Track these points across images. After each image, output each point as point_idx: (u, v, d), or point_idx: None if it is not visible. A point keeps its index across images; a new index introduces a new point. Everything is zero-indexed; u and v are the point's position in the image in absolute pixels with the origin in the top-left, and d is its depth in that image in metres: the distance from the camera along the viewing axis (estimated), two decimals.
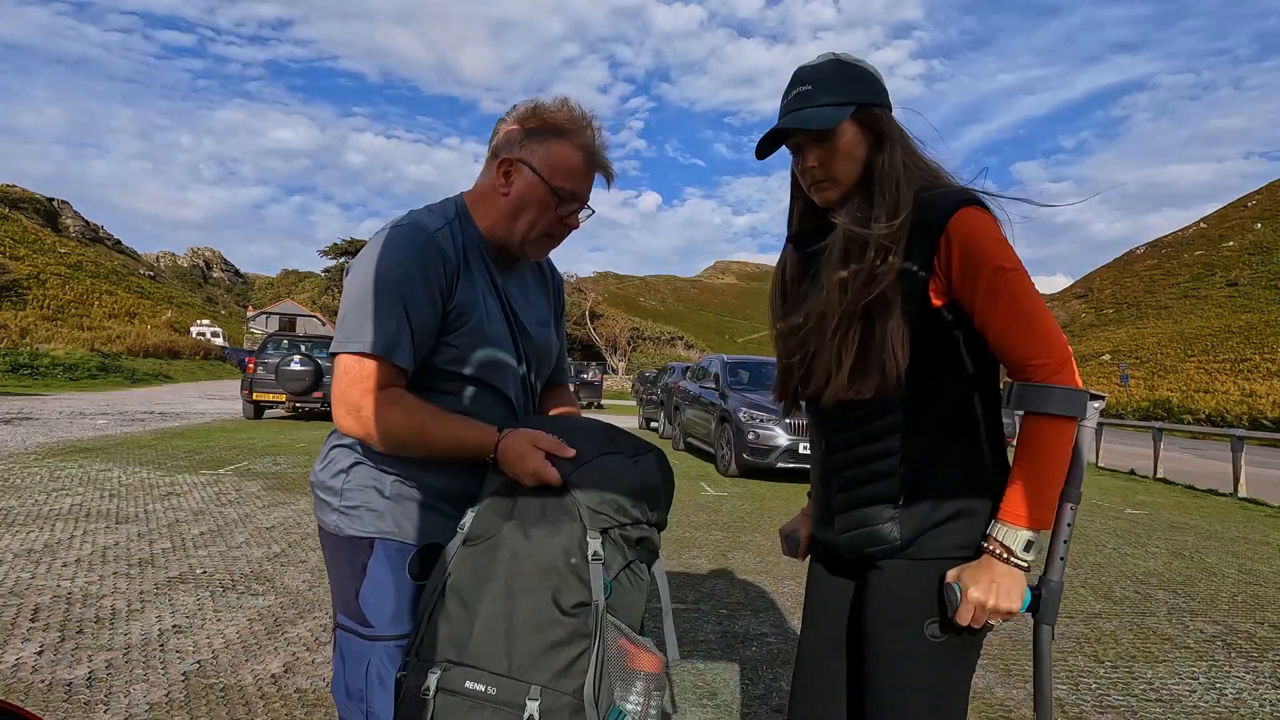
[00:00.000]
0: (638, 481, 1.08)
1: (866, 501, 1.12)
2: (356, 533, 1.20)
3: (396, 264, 1.16)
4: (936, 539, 1.09)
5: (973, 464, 1.12)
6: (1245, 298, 49.38)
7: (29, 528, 4.56)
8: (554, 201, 1.25)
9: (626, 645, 0.99)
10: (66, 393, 18.27)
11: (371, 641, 1.17)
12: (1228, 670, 3.22)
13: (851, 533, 1.14)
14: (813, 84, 1.12)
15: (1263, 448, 18.24)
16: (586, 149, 1.26)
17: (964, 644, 1.10)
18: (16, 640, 2.83)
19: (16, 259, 40.05)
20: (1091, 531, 6.55)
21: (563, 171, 1.24)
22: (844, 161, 1.12)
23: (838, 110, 1.10)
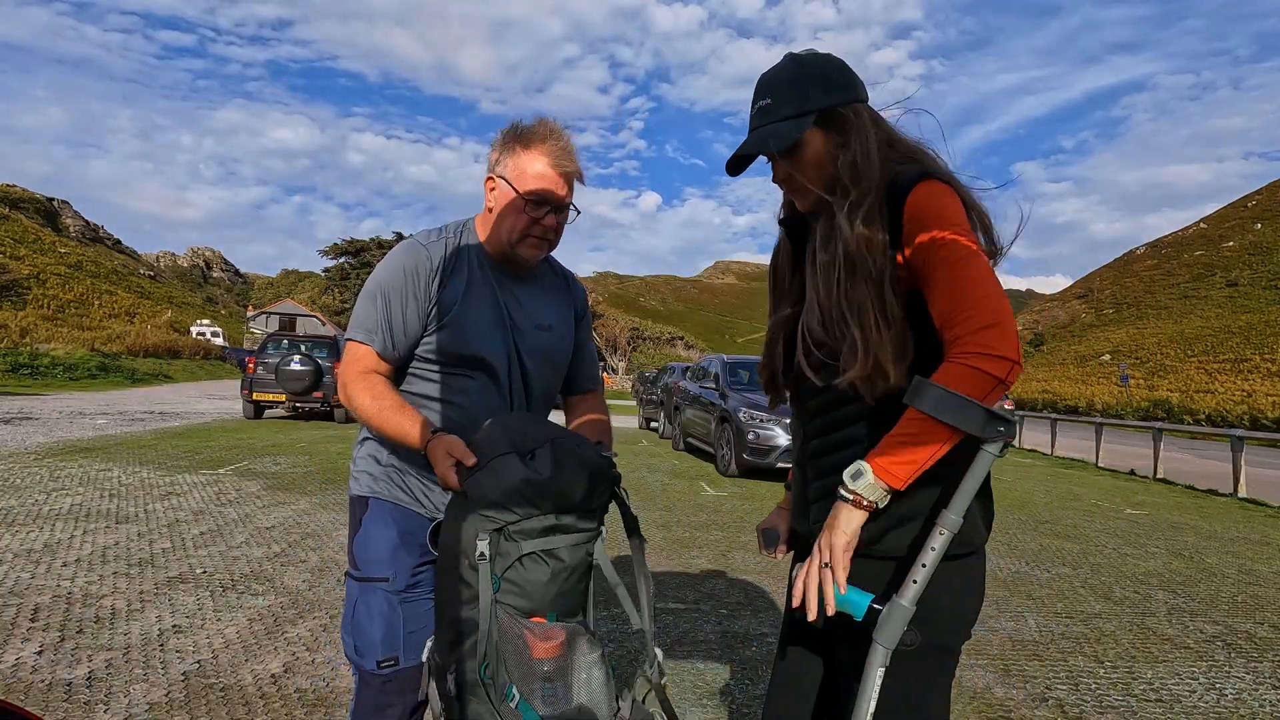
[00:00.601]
0: (519, 480, 1.12)
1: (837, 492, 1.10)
2: (358, 493, 1.48)
3: (385, 269, 1.42)
4: (901, 536, 1.06)
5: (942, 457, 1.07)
6: (1245, 298, 49.39)
7: (29, 527, 4.56)
8: (524, 206, 1.40)
9: (526, 634, 1.11)
10: (66, 392, 18.26)
11: (359, 582, 1.42)
12: (1228, 670, 3.22)
13: (823, 523, 1.12)
14: (772, 96, 1.12)
15: (1263, 448, 18.24)
16: (550, 155, 1.40)
17: (940, 652, 1.08)
18: (16, 640, 2.82)
19: (16, 259, 40.05)
20: (1091, 532, 6.55)
21: (529, 177, 1.40)
22: (813, 170, 1.12)
23: (797, 123, 1.09)
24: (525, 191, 1.39)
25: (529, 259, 1.46)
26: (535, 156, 1.40)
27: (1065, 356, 54.37)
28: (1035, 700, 2.81)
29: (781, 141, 1.09)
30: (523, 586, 1.13)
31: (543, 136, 1.41)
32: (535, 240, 1.44)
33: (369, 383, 1.37)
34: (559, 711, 1.10)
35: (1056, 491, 9.42)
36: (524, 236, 1.43)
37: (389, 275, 1.40)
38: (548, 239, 1.46)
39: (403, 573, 1.41)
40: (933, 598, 1.04)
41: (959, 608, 1.09)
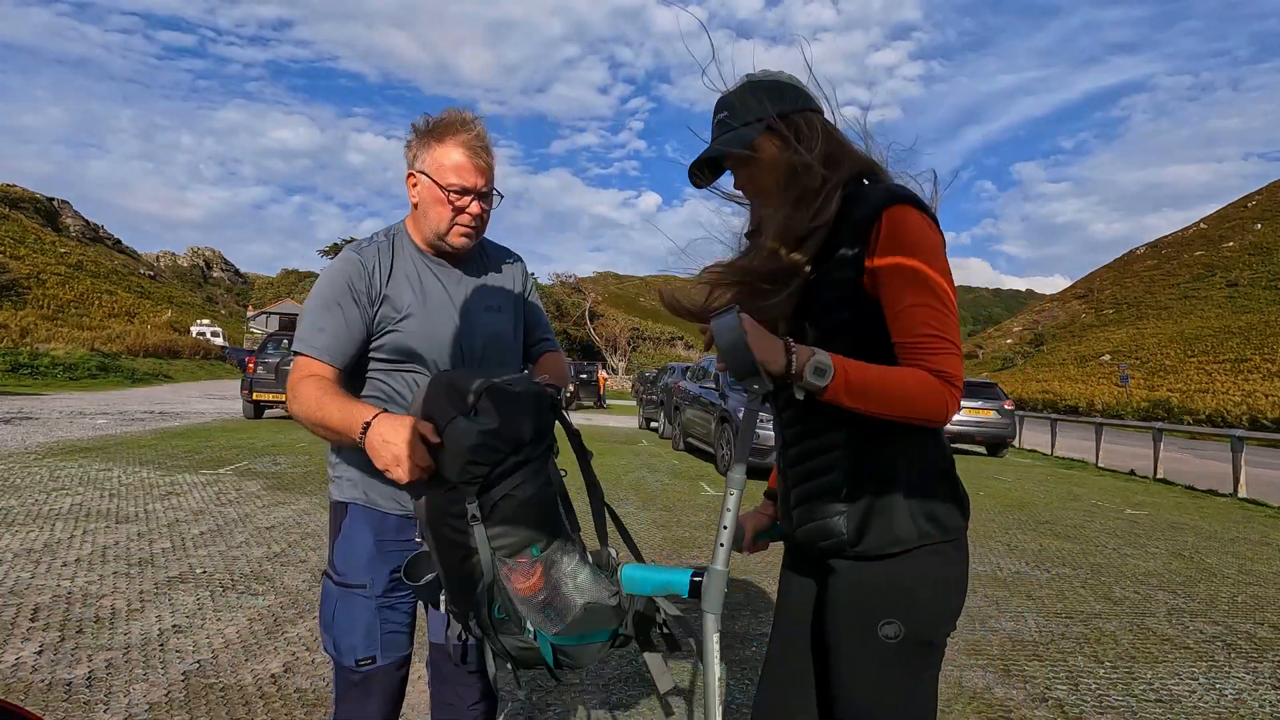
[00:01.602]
0: (474, 438, 1.15)
1: (818, 495, 1.14)
2: (339, 498, 1.49)
3: (324, 282, 1.44)
4: (880, 534, 1.09)
5: (912, 456, 1.11)
6: (1245, 298, 49.38)
7: (29, 527, 4.56)
8: (447, 197, 1.43)
9: (511, 580, 1.18)
10: (66, 392, 18.26)
11: (338, 586, 1.45)
12: (1227, 671, 3.22)
13: (806, 526, 1.16)
14: (728, 109, 1.19)
15: (1262, 448, 18.24)
16: (466, 145, 1.42)
17: (922, 646, 1.10)
18: (16, 640, 2.82)
19: (17, 258, 40.03)
20: (1091, 532, 6.55)
21: (447, 170, 1.42)
22: (770, 174, 1.17)
23: (750, 129, 1.16)
24: (446, 184, 1.42)
25: (460, 248, 1.49)
26: (451, 148, 1.42)
27: (1065, 356, 54.35)
28: (1035, 700, 2.81)
29: (734, 144, 1.16)
30: (504, 529, 1.18)
31: (455, 127, 1.43)
32: (463, 229, 1.46)
33: (313, 382, 1.37)
34: (568, 621, 1.17)
35: (1056, 491, 9.42)
36: (451, 226, 1.45)
37: (328, 287, 1.42)
38: (475, 226, 1.48)
39: (380, 580, 1.44)
40: (912, 591, 1.08)
41: (940, 601, 1.11)
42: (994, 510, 7.56)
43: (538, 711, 2.53)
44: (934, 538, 1.09)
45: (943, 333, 1.04)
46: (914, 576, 1.08)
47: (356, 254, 1.45)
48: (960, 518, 1.14)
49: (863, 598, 1.10)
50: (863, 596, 1.10)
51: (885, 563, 1.09)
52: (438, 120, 1.44)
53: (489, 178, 1.47)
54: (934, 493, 1.11)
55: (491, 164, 1.47)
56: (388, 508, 1.46)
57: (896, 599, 1.08)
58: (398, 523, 1.47)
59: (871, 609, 1.09)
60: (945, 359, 1.03)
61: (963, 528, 1.14)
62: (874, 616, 1.09)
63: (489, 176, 1.47)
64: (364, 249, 1.47)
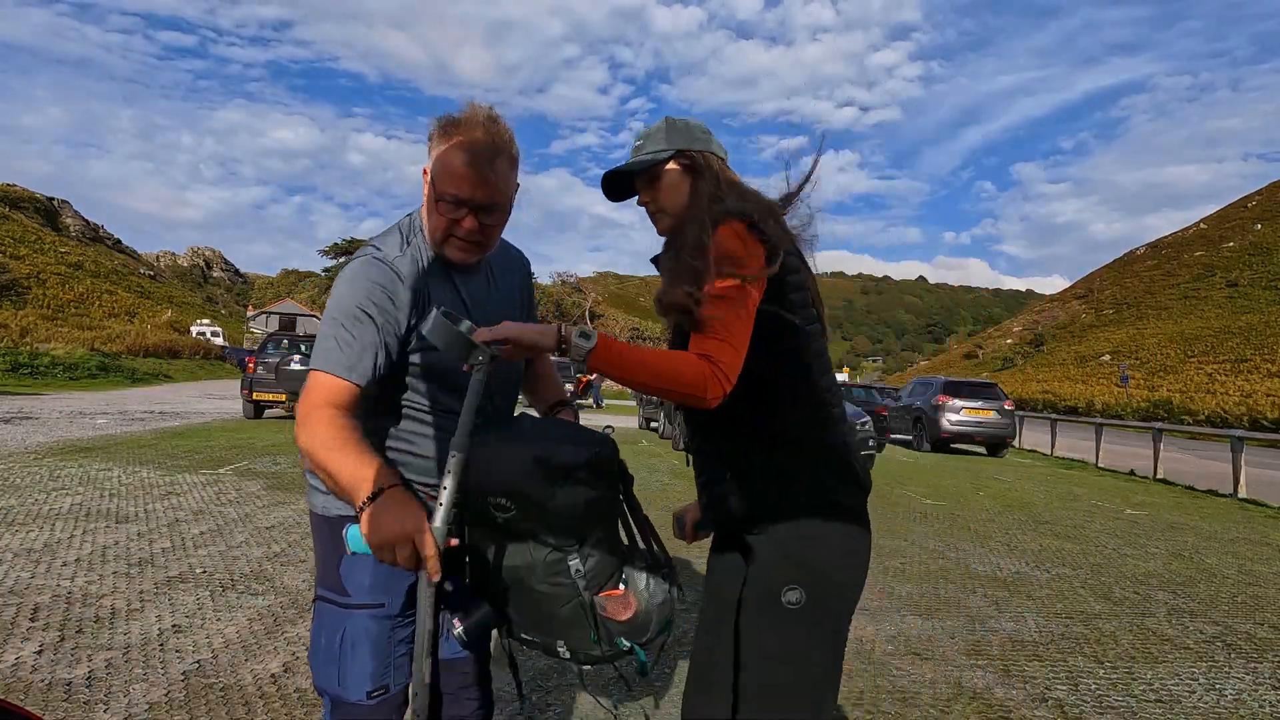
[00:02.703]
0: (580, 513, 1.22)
1: (718, 478, 1.30)
2: (341, 511, 1.30)
3: (355, 291, 1.26)
4: (769, 507, 1.24)
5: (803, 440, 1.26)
6: (1245, 298, 49.36)
7: (29, 527, 4.56)
8: (438, 206, 1.27)
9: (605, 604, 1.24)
10: (66, 392, 18.26)
11: (348, 610, 1.29)
12: (1227, 671, 3.22)
13: (711, 507, 1.33)
14: (645, 140, 1.40)
15: (1262, 448, 18.23)
16: (469, 150, 1.24)
17: (822, 612, 1.21)
18: (16, 640, 2.83)
19: (17, 258, 40.02)
20: (1091, 532, 6.55)
21: (445, 175, 1.25)
22: (668, 195, 1.37)
23: (655, 155, 1.36)
24: (440, 191, 1.26)
25: (458, 262, 1.33)
26: (455, 151, 1.25)
27: (1065, 357, 54.35)
28: (1035, 700, 2.81)
29: (639, 166, 1.37)
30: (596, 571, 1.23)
31: (466, 127, 1.26)
32: (460, 244, 1.30)
33: (329, 416, 1.20)
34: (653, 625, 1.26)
35: (1056, 491, 9.42)
36: (447, 239, 1.30)
37: (363, 297, 1.25)
38: (475, 242, 1.31)
39: (397, 597, 1.31)
40: (807, 554, 1.21)
41: (839, 570, 1.23)
42: (994, 510, 7.56)
43: (537, 711, 2.53)
44: (826, 512, 1.23)
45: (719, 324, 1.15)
46: (814, 548, 1.21)
47: (390, 266, 1.28)
48: (854, 496, 1.27)
49: (765, 568, 1.22)
50: (766, 567, 1.22)
51: (785, 535, 1.22)
52: (453, 117, 1.28)
53: (494, 190, 1.27)
54: (825, 473, 1.25)
55: (500, 175, 1.28)
56: None
57: (799, 567, 1.20)
58: None
59: (776, 576, 1.21)
60: (711, 344, 1.14)
61: (860, 508, 1.27)
62: (778, 583, 1.20)
63: (494, 189, 1.27)
64: (396, 260, 1.30)
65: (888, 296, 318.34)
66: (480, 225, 1.29)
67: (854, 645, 3.33)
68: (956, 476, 10.65)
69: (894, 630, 3.56)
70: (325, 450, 1.16)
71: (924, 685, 2.91)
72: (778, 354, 1.24)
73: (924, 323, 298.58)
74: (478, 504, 1.21)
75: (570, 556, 1.20)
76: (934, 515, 7.03)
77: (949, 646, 3.37)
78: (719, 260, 1.19)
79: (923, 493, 8.61)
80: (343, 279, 1.30)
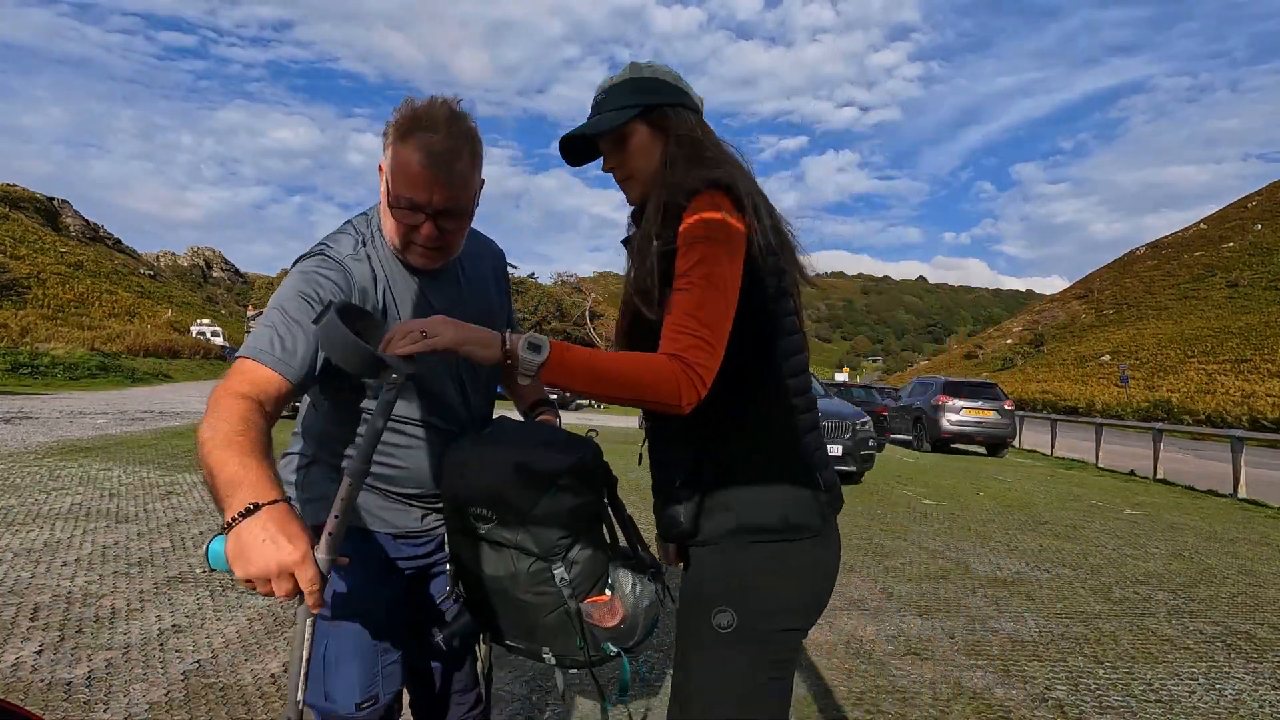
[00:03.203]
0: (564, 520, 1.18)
1: (666, 486, 1.17)
2: (315, 523, 1.23)
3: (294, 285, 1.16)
4: (713, 521, 1.10)
5: (759, 451, 1.11)
6: (1245, 299, 49.36)
7: (29, 527, 4.56)
8: (398, 212, 1.18)
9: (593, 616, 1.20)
10: (66, 392, 18.26)
11: (328, 623, 1.24)
12: (1227, 671, 3.22)
13: (661, 516, 1.19)
14: (607, 94, 1.20)
15: (1262, 449, 18.24)
16: (426, 151, 1.13)
17: (758, 639, 1.06)
18: (16, 639, 2.82)
19: (17, 258, 40.03)
20: (1091, 532, 6.55)
21: (399, 176, 1.15)
22: (637, 158, 1.19)
23: (620, 114, 1.17)
24: (396, 194, 1.16)
25: (421, 267, 1.24)
26: (411, 151, 1.13)
27: (1065, 357, 54.34)
28: (1035, 700, 2.81)
29: (602, 126, 1.17)
30: (582, 578, 1.19)
31: (426, 125, 1.14)
32: (420, 250, 1.21)
33: (246, 409, 1.02)
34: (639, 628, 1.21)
35: (1056, 492, 9.42)
36: (407, 244, 1.21)
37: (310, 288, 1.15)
38: (436, 247, 1.21)
39: (379, 604, 1.28)
40: (745, 581, 1.08)
41: (776, 594, 1.08)
42: (994, 510, 7.56)
43: (537, 712, 2.53)
44: (774, 532, 1.08)
45: (694, 316, 1.00)
46: (748, 568, 1.08)
47: (341, 266, 1.20)
48: (812, 515, 1.10)
49: (699, 586, 1.11)
50: (700, 585, 1.11)
51: (721, 553, 1.09)
52: (411, 112, 1.16)
53: (452, 194, 1.17)
54: (781, 488, 1.10)
55: (460, 177, 1.17)
56: (375, 527, 1.30)
57: (730, 588, 1.07)
58: (388, 540, 1.31)
59: (707, 597, 1.09)
60: (684, 340, 0.99)
61: (812, 525, 1.10)
62: (708, 605, 1.08)
63: (452, 193, 1.16)
64: (349, 259, 1.21)
65: (888, 296, 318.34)
66: (440, 231, 1.19)
67: (854, 645, 3.33)
68: (956, 476, 10.65)
69: (894, 630, 3.56)
70: (214, 445, 0.96)
71: (924, 685, 2.91)
72: (741, 347, 1.07)
73: (924, 323, 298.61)
74: (458, 513, 1.18)
75: (555, 565, 1.16)
76: (934, 515, 7.03)
77: (949, 646, 3.37)
78: (695, 237, 1.03)
79: (923, 493, 8.61)
80: (290, 274, 1.20)
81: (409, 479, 1.30)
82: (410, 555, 1.35)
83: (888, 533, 5.99)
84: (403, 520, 1.32)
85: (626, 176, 1.21)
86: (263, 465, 0.95)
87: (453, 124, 1.16)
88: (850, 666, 3.07)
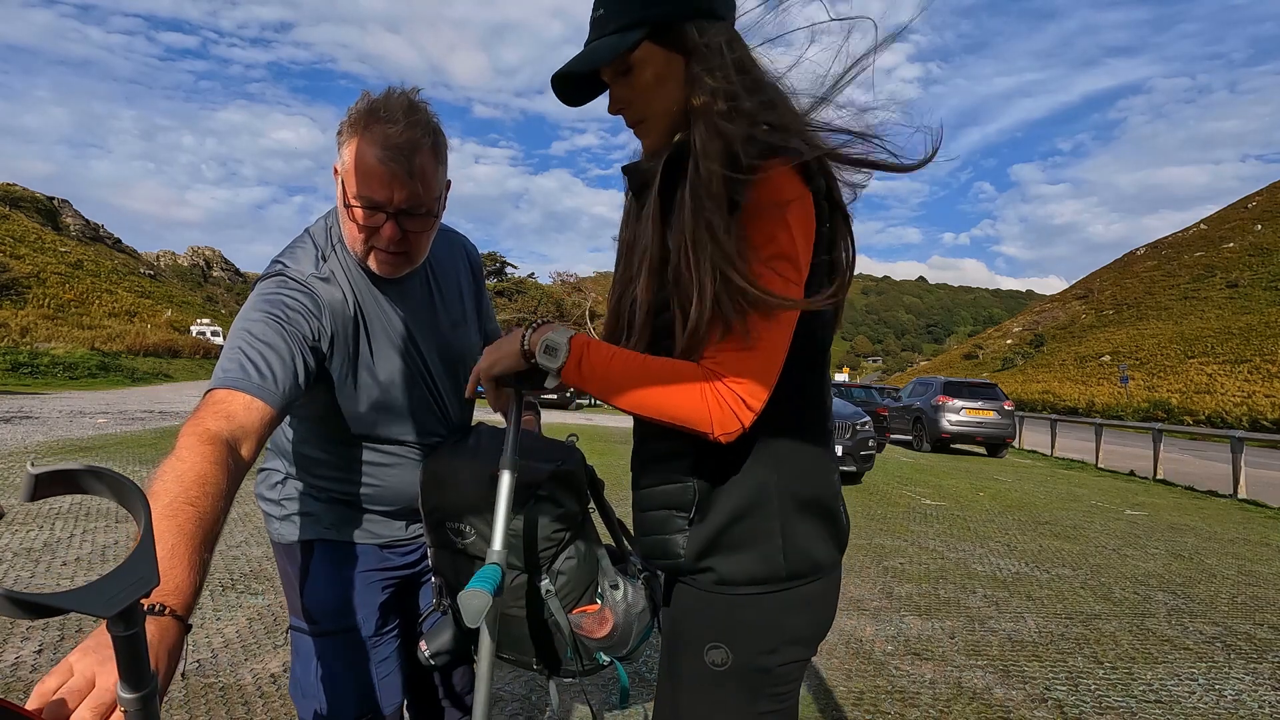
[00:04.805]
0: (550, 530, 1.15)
1: (663, 504, 0.97)
2: (297, 538, 1.24)
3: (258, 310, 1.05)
4: (729, 564, 0.92)
5: (780, 475, 0.92)
6: (1245, 299, 49.35)
7: (28, 526, 4.56)
8: (349, 213, 1.09)
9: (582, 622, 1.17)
10: (66, 391, 18.26)
11: (318, 638, 1.22)
12: (1227, 671, 3.22)
13: (647, 538, 0.99)
14: (604, 5, 0.91)
15: (1262, 449, 18.24)
16: (383, 145, 1.04)
17: (756, 675, 0.91)
18: (16, 639, 2.82)
19: (17, 258, 40.04)
20: (1091, 532, 6.55)
21: (357, 174, 1.06)
22: (647, 96, 0.92)
23: (621, 38, 0.88)
24: (351, 193, 1.07)
25: (384, 275, 1.15)
26: (367, 146, 1.05)
27: (1065, 357, 54.36)
28: (1035, 700, 2.81)
29: (600, 56, 0.89)
30: (569, 589, 1.17)
31: (383, 117, 1.05)
32: (382, 255, 1.12)
33: (207, 454, 0.82)
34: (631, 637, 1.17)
35: (1056, 492, 9.42)
36: (368, 250, 1.12)
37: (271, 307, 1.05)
38: (400, 252, 1.12)
39: (370, 616, 1.25)
40: (741, 616, 0.92)
41: (775, 630, 0.93)
42: (994, 510, 7.56)
43: (537, 712, 2.53)
44: (797, 578, 0.92)
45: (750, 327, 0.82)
46: (749, 608, 0.92)
47: (304, 288, 1.10)
48: (832, 554, 0.96)
49: (691, 618, 0.95)
50: (695, 617, 0.95)
51: (726, 599, 0.92)
52: (367, 106, 1.08)
53: (414, 189, 1.07)
54: (807, 529, 0.93)
55: (422, 172, 1.07)
56: (362, 539, 1.26)
57: (725, 625, 0.92)
58: (373, 551, 1.27)
59: (697, 631, 0.94)
60: (730, 357, 0.82)
61: (828, 565, 0.95)
62: (702, 640, 0.93)
63: (414, 188, 1.07)
64: (312, 280, 1.11)
65: (888, 296, 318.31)
66: (403, 233, 1.10)
67: (854, 645, 3.33)
68: (956, 477, 10.65)
69: (894, 630, 3.56)
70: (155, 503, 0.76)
71: (924, 685, 2.91)
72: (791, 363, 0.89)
73: (924, 323, 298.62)
74: (437, 529, 1.16)
75: (539, 578, 1.13)
76: (934, 515, 7.03)
77: (949, 646, 3.37)
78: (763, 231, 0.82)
79: (923, 493, 8.61)
80: (250, 297, 1.09)
81: (391, 496, 1.26)
82: (398, 565, 1.32)
83: (888, 533, 5.99)
84: (387, 530, 1.29)
85: (637, 119, 0.95)
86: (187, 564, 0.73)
87: (411, 114, 1.07)
88: (850, 666, 3.07)
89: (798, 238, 0.84)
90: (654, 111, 0.93)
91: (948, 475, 10.82)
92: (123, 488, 0.51)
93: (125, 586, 0.47)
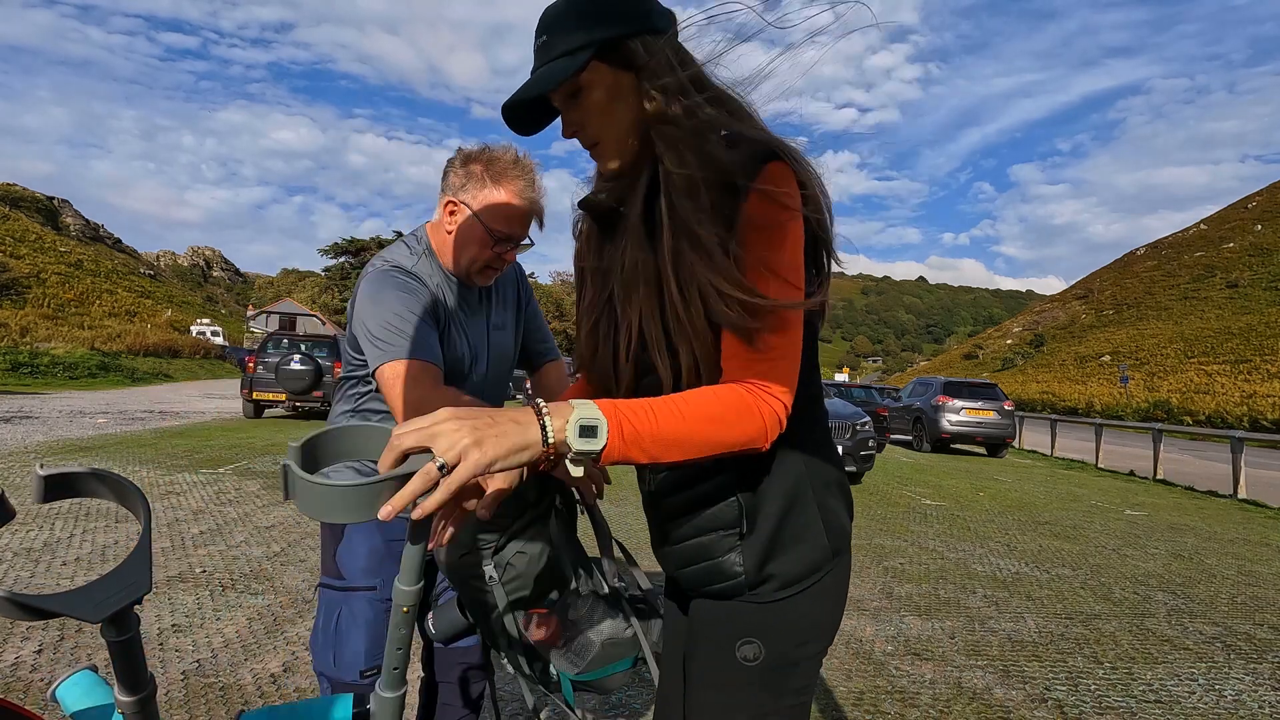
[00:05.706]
0: None
1: (704, 530, 0.94)
2: None
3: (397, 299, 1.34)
4: (787, 564, 0.91)
5: (815, 464, 0.94)
6: (1245, 299, 49.36)
7: (28, 526, 4.56)
8: (490, 241, 1.40)
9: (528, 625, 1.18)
10: (66, 391, 18.25)
11: (344, 592, 1.41)
12: (1227, 672, 3.22)
13: (690, 569, 0.96)
14: (548, 31, 0.90)
15: (1262, 449, 18.24)
16: (522, 195, 1.39)
17: (786, 669, 0.92)
18: (16, 639, 2.82)
19: (17, 258, 40.03)
20: (1091, 532, 6.55)
21: (498, 216, 1.38)
22: (600, 119, 0.92)
23: (569, 62, 0.87)
24: (493, 228, 1.38)
25: (481, 284, 1.48)
26: (508, 194, 1.38)
27: (1065, 357, 54.36)
28: (1035, 701, 2.81)
29: (549, 81, 0.88)
30: (519, 584, 1.15)
31: (515, 173, 1.39)
32: (494, 272, 1.46)
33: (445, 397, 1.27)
34: (589, 659, 1.15)
35: (1056, 492, 9.42)
36: (484, 268, 1.44)
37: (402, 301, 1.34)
38: (501, 268, 1.47)
39: (389, 580, 1.40)
40: (774, 609, 0.92)
41: (808, 616, 0.93)
42: (994, 510, 7.57)
43: None
44: (831, 556, 0.93)
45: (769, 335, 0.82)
46: (788, 600, 0.92)
47: (418, 280, 1.40)
48: (849, 521, 0.99)
49: (720, 620, 0.94)
50: (720, 619, 0.94)
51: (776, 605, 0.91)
52: (496, 159, 1.40)
53: (530, 225, 1.45)
54: (829, 501, 0.95)
55: (541, 213, 1.44)
56: None
57: (760, 618, 0.92)
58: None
59: (730, 628, 0.93)
60: (760, 367, 0.83)
61: (849, 533, 0.98)
62: (733, 635, 0.92)
63: (531, 224, 1.45)
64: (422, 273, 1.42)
65: (888, 296, 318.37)
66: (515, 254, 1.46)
67: (854, 645, 3.33)
68: (956, 477, 10.65)
69: (894, 630, 3.56)
70: None
71: (924, 685, 2.91)
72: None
73: (924, 323, 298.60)
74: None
75: (485, 562, 1.13)
76: (934, 515, 7.03)
77: (949, 646, 3.37)
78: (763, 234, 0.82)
79: (923, 493, 8.61)
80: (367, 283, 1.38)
81: None
82: None
83: (888, 533, 5.99)
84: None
85: (594, 141, 0.94)
86: None
87: (533, 170, 1.42)
88: (850, 666, 3.07)
89: (797, 238, 0.86)
90: (609, 134, 0.93)
91: (948, 475, 10.82)
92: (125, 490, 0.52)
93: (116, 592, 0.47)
